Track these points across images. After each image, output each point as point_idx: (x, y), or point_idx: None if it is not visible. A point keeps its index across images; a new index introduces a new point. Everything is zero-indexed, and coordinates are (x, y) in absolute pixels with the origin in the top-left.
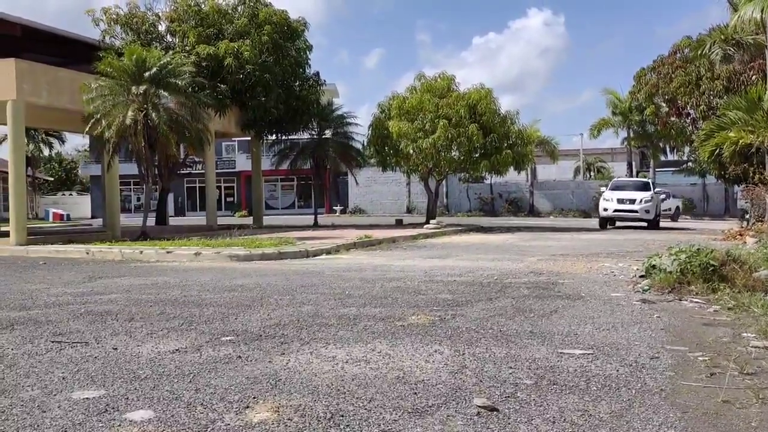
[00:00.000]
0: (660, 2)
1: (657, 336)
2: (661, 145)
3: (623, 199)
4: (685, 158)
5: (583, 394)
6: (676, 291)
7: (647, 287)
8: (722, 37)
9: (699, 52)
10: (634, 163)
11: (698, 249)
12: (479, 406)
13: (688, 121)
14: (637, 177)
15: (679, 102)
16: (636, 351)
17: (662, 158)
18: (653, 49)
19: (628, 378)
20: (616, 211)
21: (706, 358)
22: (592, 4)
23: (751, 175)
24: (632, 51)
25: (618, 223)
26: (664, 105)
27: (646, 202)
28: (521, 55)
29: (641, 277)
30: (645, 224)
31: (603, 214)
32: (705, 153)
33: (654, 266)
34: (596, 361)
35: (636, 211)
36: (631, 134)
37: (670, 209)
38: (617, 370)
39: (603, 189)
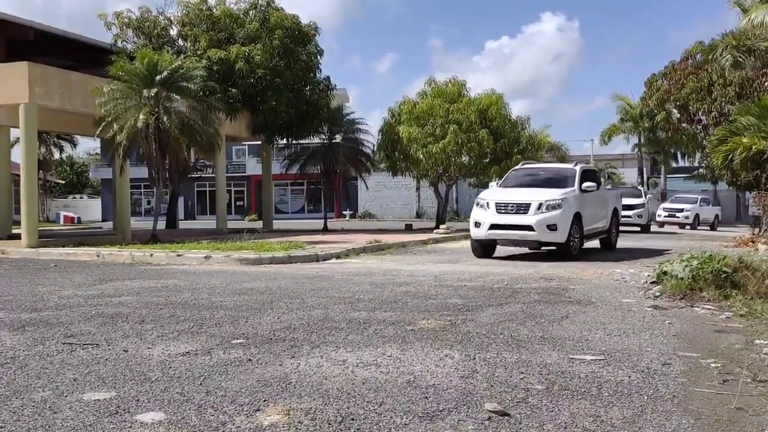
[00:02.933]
0: (674, 7)
1: (669, 342)
2: (672, 151)
3: (507, 205)
4: (696, 164)
5: (594, 400)
6: (687, 297)
7: (658, 293)
8: (734, 42)
9: (710, 56)
10: (645, 169)
11: (710, 255)
12: (490, 411)
13: (699, 127)
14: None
15: (691, 108)
16: (648, 357)
17: (673, 164)
18: (667, 54)
19: (640, 384)
20: (494, 227)
21: (719, 365)
22: (606, 9)
23: (763, 181)
24: (646, 56)
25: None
26: (675, 111)
27: (550, 208)
28: (534, 60)
29: (652, 283)
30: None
31: (475, 233)
32: (718, 159)
33: (665, 272)
34: (608, 366)
35: (529, 227)
36: (642, 140)
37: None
38: (629, 376)
39: (493, 184)
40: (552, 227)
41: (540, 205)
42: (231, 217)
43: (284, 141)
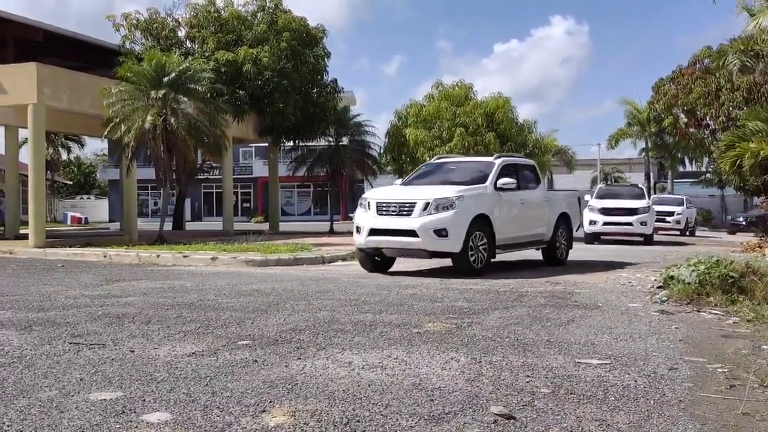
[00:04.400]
0: (684, 11)
1: (675, 347)
2: (679, 156)
3: (389, 205)
4: (703, 169)
5: (600, 404)
6: (694, 302)
7: (665, 298)
8: (742, 47)
9: (719, 62)
10: (652, 174)
11: (717, 260)
12: (496, 414)
13: (707, 132)
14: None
15: (699, 113)
16: (654, 362)
17: (680, 169)
18: (676, 58)
19: (647, 388)
20: (374, 233)
21: (726, 370)
22: (615, 13)
23: None
24: (654, 60)
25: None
26: (682, 116)
27: (441, 208)
28: (543, 63)
29: (659, 287)
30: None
31: (356, 241)
32: (726, 164)
33: (672, 277)
34: (614, 371)
35: (412, 233)
36: (649, 145)
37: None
38: (635, 381)
39: (397, 182)
40: (441, 233)
41: (426, 205)
42: (237, 218)
43: (291, 143)
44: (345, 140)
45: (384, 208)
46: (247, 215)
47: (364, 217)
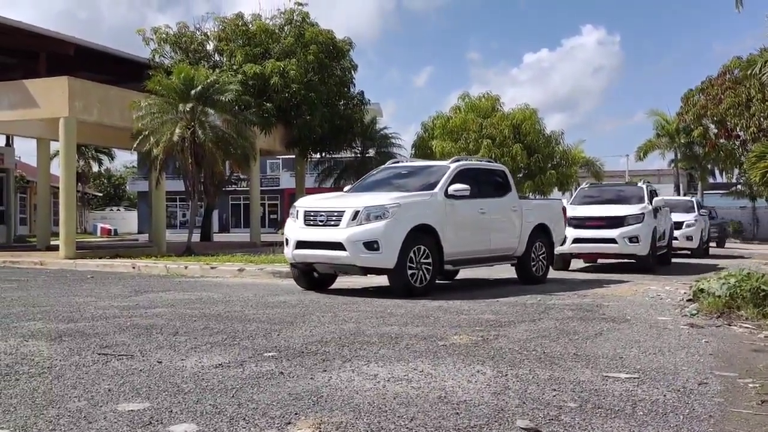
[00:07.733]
0: (720, 21)
1: (705, 361)
2: (709, 167)
3: (317, 213)
4: (734, 181)
5: (629, 419)
6: (725, 316)
7: (695, 311)
8: None
9: (749, 72)
10: (681, 185)
11: (749, 273)
12: (522, 428)
13: (737, 143)
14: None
15: (729, 124)
16: (684, 376)
17: (710, 181)
18: (711, 68)
19: (676, 403)
20: (301, 246)
21: (757, 385)
22: (648, 22)
23: None
24: (688, 70)
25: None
26: (712, 126)
27: (371, 218)
28: (573, 73)
29: (689, 300)
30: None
31: (286, 254)
32: (756, 175)
33: (702, 290)
34: (642, 385)
35: (339, 246)
36: (679, 156)
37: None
38: (664, 395)
39: (347, 188)
40: (372, 246)
41: (356, 214)
42: (264, 230)
43: (318, 155)
44: (371, 152)
45: (312, 218)
46: (274, 227)
47: (292, 228)
